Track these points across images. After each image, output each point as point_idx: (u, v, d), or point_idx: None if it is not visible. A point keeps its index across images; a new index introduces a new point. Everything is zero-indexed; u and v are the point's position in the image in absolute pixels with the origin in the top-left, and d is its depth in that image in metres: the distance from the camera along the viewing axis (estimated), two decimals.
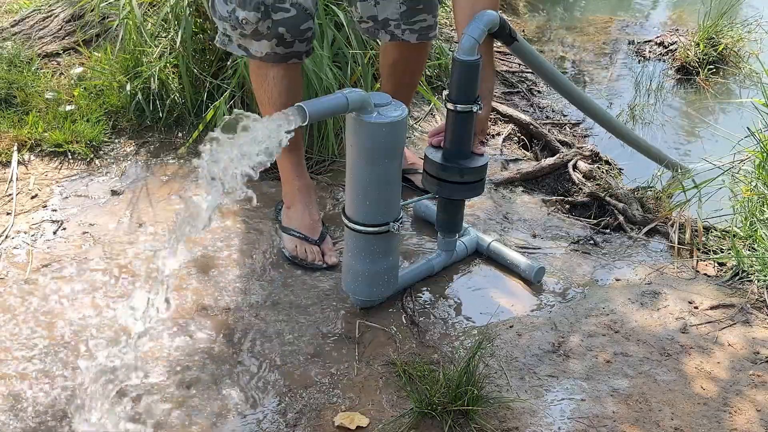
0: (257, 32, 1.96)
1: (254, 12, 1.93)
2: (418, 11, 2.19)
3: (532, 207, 2.64)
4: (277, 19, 1.95)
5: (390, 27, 2.21)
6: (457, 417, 1.72)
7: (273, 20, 1.95)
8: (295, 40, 2.00)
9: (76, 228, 2.32)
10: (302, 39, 2.01)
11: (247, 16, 1.94)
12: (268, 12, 1.94)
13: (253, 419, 1.75)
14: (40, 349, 1.88)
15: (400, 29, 2.22)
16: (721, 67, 4.02)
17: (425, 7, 2.20)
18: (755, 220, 2.42)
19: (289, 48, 2.01)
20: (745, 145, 2.84)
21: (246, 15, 1.94)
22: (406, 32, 2.22)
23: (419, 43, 2.27)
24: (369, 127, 1.79)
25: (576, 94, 2.54)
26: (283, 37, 1.98)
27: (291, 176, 2.27)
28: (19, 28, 3.25)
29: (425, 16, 2.21)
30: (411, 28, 2.22)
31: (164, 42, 2.82)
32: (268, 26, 1.95)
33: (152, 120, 2.80)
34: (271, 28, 1.96)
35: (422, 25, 2.22)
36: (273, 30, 1.96)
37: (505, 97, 3.54)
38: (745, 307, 2.16)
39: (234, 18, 1.96)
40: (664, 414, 1.80)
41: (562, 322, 2.08)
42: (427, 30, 2.24)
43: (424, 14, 2.20)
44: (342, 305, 2.08)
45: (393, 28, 2.22)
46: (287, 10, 1.95)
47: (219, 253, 2.24)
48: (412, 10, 2.18)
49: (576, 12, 4.99)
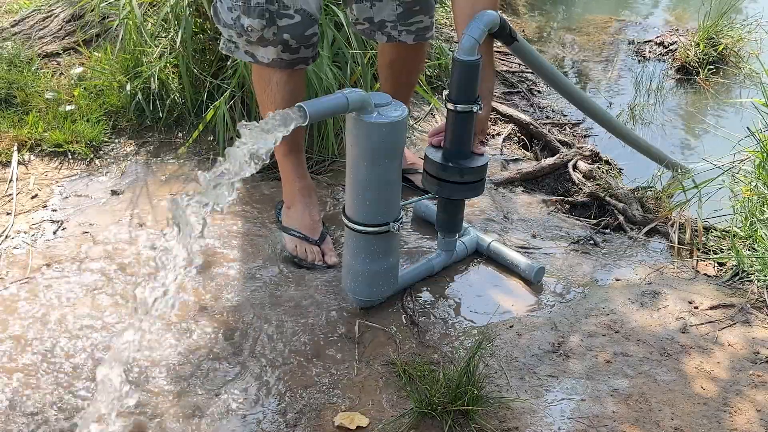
0: (263, 39, 1.96)
1: (259, 19, 1.93)
2: (414, 13, 2.19)
3: (532, 207, 2.64)
4: (282, 25, 1.95)
5: (386, 28, 2.21)
6: (457, 417, 1.72)
7: (278, 27, 1.95)
8: (301, 47, 2.00)
9: (76, 228, 2.32)
10: (308, 45, 2.01)
11: (252, 23, 1.94)
12: (273, 19, 1.94)
13: (253, 419, 1.75)
14: (40, 349, 1.88)
15: (396, 30, 2.22)
16: (721, 67, 4.02)
17: (422, 8, 2.20)
18: (755, 220, 2.42)
19: (295, 54, 2.01)
20: (745, 145, 2.84)
21: (251, 22, 1.94)
22: (402, 33, 2.22)
23: (416, 43, 2.27)
24: (369, 127, 1.79)
25: (576, 94, 2.54)
26: (288, 44, 1.98)
27: (292, 177, 2.26)
28: (19, 28, 3.26)
29: (422, 18, 2.21)
30: (408, 29, 2.22)
31: (164, 42, 2.82)
32: (274, 32, 1.95)
33: (152, 120, 2.80)
34: (277, 35, 1.95)
35: (419, 26, 2.22)
36: (278, 36, 1.96)
37: (505, 97, 3.54)
38: (745, 307, 2.16)
39: (239, 25, 1.96)
40: (664, 414, 1.80)
41: (562, 322, 2.08)
42: (424, 31, 2.25)
43: (420, 15, 2.21)
44: (342, 305, 2.08)
45: (389, 29, 2.22)
46: (291, 16, 1.95)
47: (219, 252, 2.24)
48: (408, 11, 2.19)
49: (576, 12, 4.99)
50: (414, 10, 2.19)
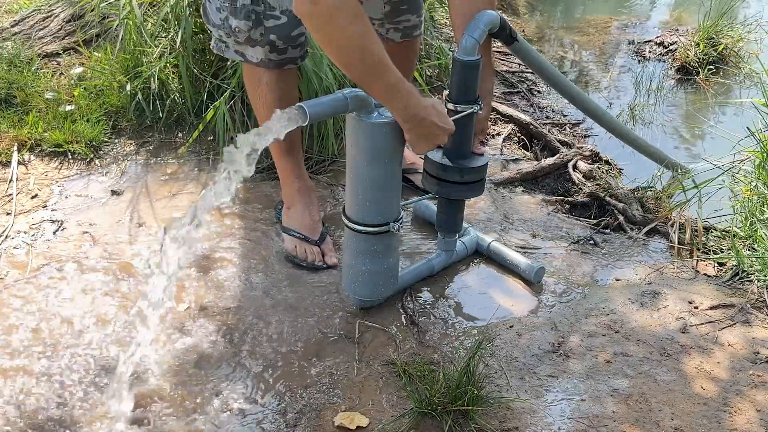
0: (251, 39, 1.98)
1: (245, 20, 1.95)
2: (401, 12, 2.21)
3: (532, 207, 2.64)
4: (269, 26, 1.96)
5: (374, 26, 2.22)
6: (457, 417, 1.72)
7: (265, 27, 1.96)
8: (288, 47, 2.01)
9: (76, 228, 2.32)
10: (295, 45, 2.01)
11: (239, 24, 1.95)
12: (260, 20, 1.95)
13: (253, 419, 1.75)
14: (40, 349, 1.88)
15: (384, 28, 2.24)
16: (721, 67, 4.01)
17: (409, 7, 2.22)
18: (755, 220, 2.42)
19: (282, 55, 2.02)
20: (745, 145, 2.84)
21: (238, 23, 1.95)
22: (390, 31, 2.24)
23: (404, 41, 2.28)
24: (369, 127, 1.79)
25: (576, 94, 2.54)
26: (275, 44, 1.99)
27: (290, 177, 2.27)
28: (19, 28, 3.25)
29: (409, 17, 2.23)
30: (395, 27, 2.24)
31: (164, 42, 2.82)
32: (261, 33, 1.96)
33: (152, 120, 2.80)
34: (264, 35, 1.97)
35: (406, 25, 2.24)
36: (266, 37, 1.97)
37: (505, 97, 3.54)
38: (745, 307, 2.16)
39: (227, 26, 1.98)
40: (664, 414, 1.80)
41: (562, 322, 2.08)
42: (412, 29, 2.26)
43: (407, 14, 2.22)
44: (342, 305, 2.08)
45: (377, 26, 2.23)
46: (278, 17, 1.95)
47: (219, 253, 2.24)
48: (395, 10, 2.20)
49: (576, 12, 4.99)
50: (401, 9, 2.21)
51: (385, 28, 2.23)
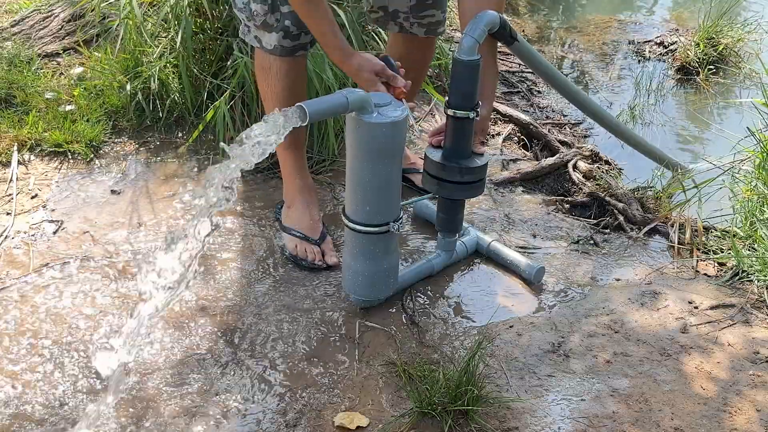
0: (267, 24, 2.03)
1: (261, 4, 2.01)
2: (427, 6, 2.23)
3: (532, 207, 2.64)
4: (285, 11, 2.01)
5: (399, 19, 2.25)
6: (457, 417, 1.72)
7: (281, 13, 2.01)
8: (301, 33, 2.05)
9: (76, 228, 2.32)
10: (308, 30, 2.03)
11: (256, 8, 2.02)
12: (276, 5, 2.01)
13: (253, 419, 1.75)
14: (40, 349, 1.88)
15: (408, 22, 2.25)
16: (721, 67, 4.01)
17: (434, 2, 2.23)
18: (755, 220, 2.42)
19: (295, 41, 2.06)
20: (745, 145, 2.84)
21: (256, 7, 2.02)
22: (414, 26, 2.25)
23: (426, 37, 2.30)
24: (369, 127, 1.79)
25: (576, 94, 2.54)
26: (290, 30, 2.03)
27: (292, 175, 2.27)
28: (19, 28, 3.25)
29: (434, 12, 2.24)
30: (420, 22, 2.25)
31: (164, 42, 2.82)
32: (276, 18, 2.02)
33: (152, 120, 2.80)
34: (279, 21, 2.01)
35: (431, 20, 2.26)
36: (281, 23, 2.02)
37: (505, 97, 3.54)
38: (745, 307, 2.16)
39: (248, 10, 2.04)
40: (664, 414, 1.80)
41: (562, 322, 2.08)
42: (436, 25, 2.28)
43: (432, 10, 2.24)
44: (342, 305, 2.08)
45: (402, 20, 2.25)
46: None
47: (219, 252, 2.24)
48: (421, 4, 2.22)
49: (576, 12, 4.99)
50: (427, 4, 2.23)
51: (410, 23, 2.26)
